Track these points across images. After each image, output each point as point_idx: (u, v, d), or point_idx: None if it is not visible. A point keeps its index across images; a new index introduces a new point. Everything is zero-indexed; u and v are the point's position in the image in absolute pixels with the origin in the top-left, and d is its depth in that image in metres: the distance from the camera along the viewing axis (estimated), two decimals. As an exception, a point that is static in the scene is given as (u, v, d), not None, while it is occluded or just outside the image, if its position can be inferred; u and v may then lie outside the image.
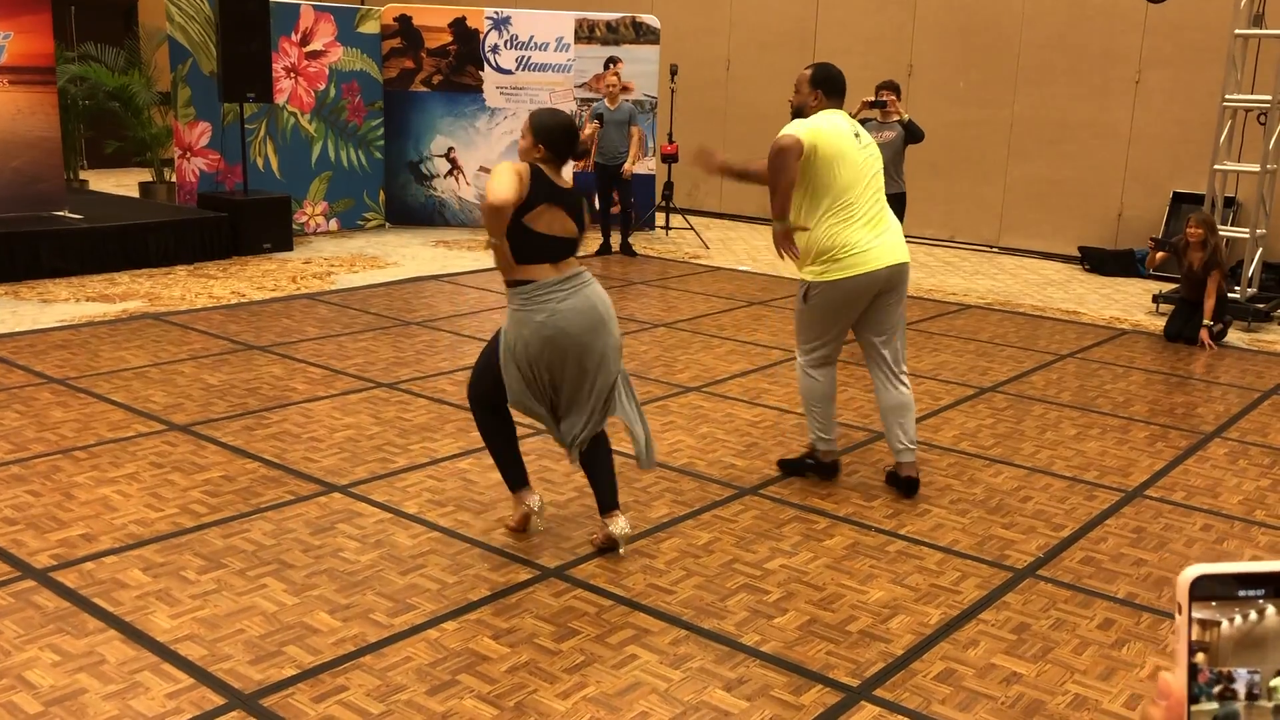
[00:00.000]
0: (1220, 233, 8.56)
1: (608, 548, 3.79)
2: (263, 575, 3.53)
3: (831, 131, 4.17)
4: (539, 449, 4.83)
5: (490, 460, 4.63)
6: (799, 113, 4.36)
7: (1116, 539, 4.08)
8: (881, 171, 4.36)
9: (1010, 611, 3.48)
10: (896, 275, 4.30)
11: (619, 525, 3.77)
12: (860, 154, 4.24)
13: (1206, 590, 0.69)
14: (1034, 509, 4.35)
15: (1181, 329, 7.41)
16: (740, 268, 9.75)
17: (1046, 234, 10.85)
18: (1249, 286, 8.30)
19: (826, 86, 4.31)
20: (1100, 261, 10.11)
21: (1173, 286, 8.57)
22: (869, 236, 4.22)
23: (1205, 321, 7.25)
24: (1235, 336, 7.65)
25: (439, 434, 4.99)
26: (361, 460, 4.61)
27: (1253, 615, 0.69)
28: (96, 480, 4.29)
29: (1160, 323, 7.92)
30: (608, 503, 3.80)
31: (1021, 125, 10.87)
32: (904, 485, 4.45)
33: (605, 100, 9.83)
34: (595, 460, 3.81)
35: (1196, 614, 0.69)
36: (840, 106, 4.35)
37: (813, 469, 4.61)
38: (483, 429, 3.90)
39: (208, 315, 7.15)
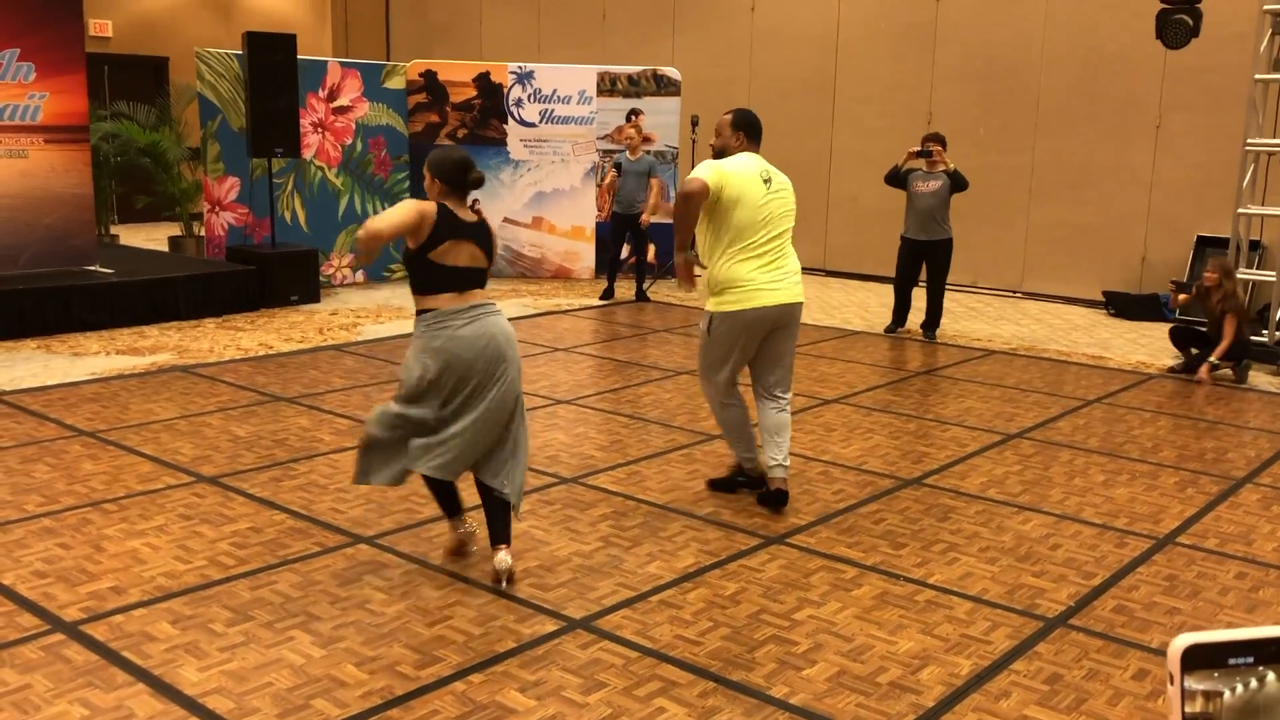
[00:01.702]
0: (1245, 276, 8.54)
1: (497, 580, 3.91)
2: (290, 627, 3.54)
3: (737, 175, 4.51)
4: (563, 498, 4.83)
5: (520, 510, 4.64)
6: (721, 154, 4.69)
7: (1149, 587, 4.03)
8: (790, 215, 4.66)
9: (1042, 661, 3.43)
10: (788, 314, 4.66)
11: (503, 559, 3.88)
12: (765, 198, 4.55)
13: (1198, 659, 0.69)
14: (1064, 557, 4.31)
15: (1189, 343, 7.70)
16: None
17: (1070, 279, 10.82)
18: (1276, 330, 8.24)
19: (747, 130, 4.67)
20: (1125, 306, 10.07)
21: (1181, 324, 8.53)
22: (766, 275, 4.58)
23: (1211, 359, 7.39)
24: (1265, 381, 7.58)
25: (464, 484, 4.99)
26: (388, 511, 4.63)
27: (1253, 683, 0.69)
28: (126, 533, 4.32)
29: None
30: (501, 536, 3.92)
31: (1042, 170, 10.88)
32: (773, 499, 4.71)
33: (626, 151, 9.97)
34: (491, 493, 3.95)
35: (1200, 685, 0.70)
36: (758, 150, 4.71)
37: (744, 485, 4.89)
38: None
39: (235, 367, 7.22)
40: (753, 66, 12.74)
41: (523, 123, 11.29)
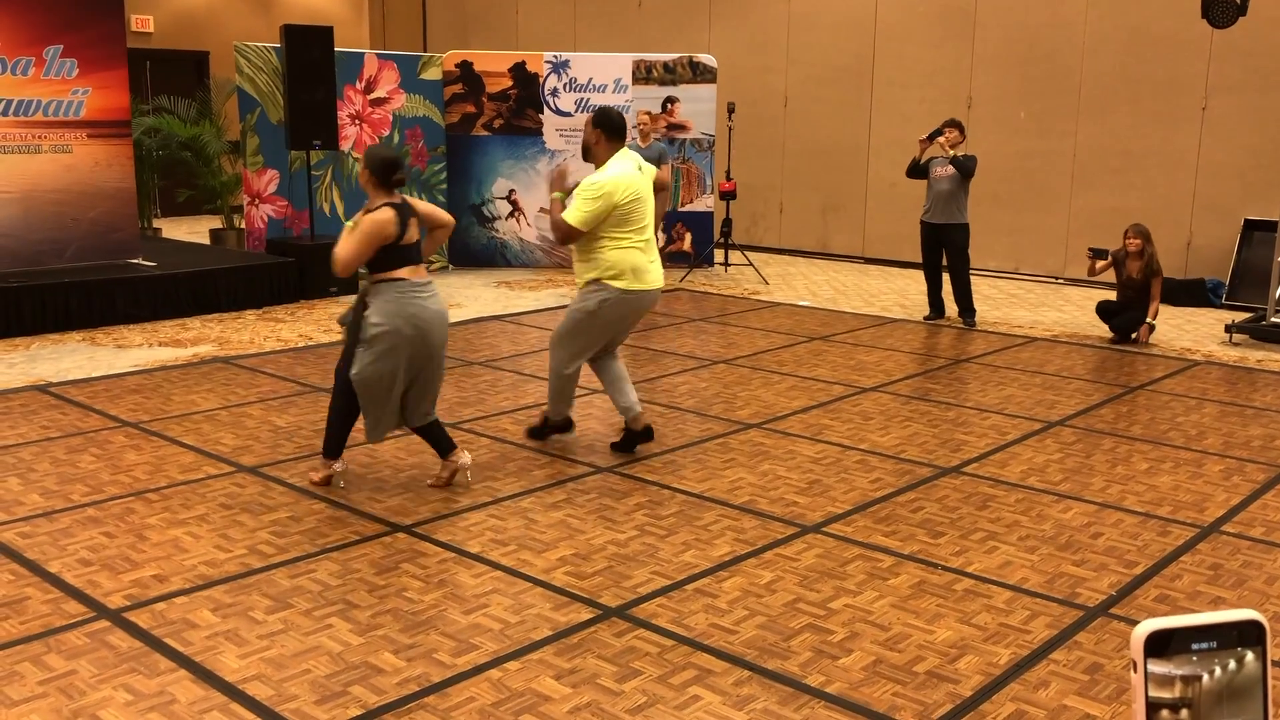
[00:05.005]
0: None
1: (457, 479, 4.82)
2: (328, 615, 3.57)
3: (620, 180, 4.91)
4: (599, 487, 4.84)
5: (552, 500, 4.66)
6: (586, 150, 5.12)
7: (1192, 576, 3.97)
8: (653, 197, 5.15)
9: (1082, 651, 3.39)
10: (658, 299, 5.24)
11: (465, 456, 4.80)
12: (647, 189, 5.03)
13: (1162, 645, 0.68)
14: (1105, 545, 4.25)
15: (1124, 326, 8.15)
16: (800, 303, 9.72)
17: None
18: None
19: (606, 128, 5.03)
20: (1170, 291, 9.89)
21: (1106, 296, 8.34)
22: (649, 260, 5.08)
23: (1149, 320, 8.01)
24: (1313, 366, 7.44)
25: (501, 473, 5.02)
26: (425, 500, 4.66)
27: (1232, 665, 0.67)
28: (168, 522, 4.38)
29: (1232, 352, 7.75)
30: (450, 445, 4.78)
31: (1085, 155, 10.73)
32: (645, 435, 5.28)
33: (637, 138, 9.92)
34: (429, 426, 4.79)
35: (1178, 670, 0.68)
36: (621, 145, 5.07)
37: (553, 430, 5.39)
38: (348, 404, 4.68)
39: (276, 358, 7.29)
40: (790, 53, 12.66)
41: (558, 112, 11.29)
